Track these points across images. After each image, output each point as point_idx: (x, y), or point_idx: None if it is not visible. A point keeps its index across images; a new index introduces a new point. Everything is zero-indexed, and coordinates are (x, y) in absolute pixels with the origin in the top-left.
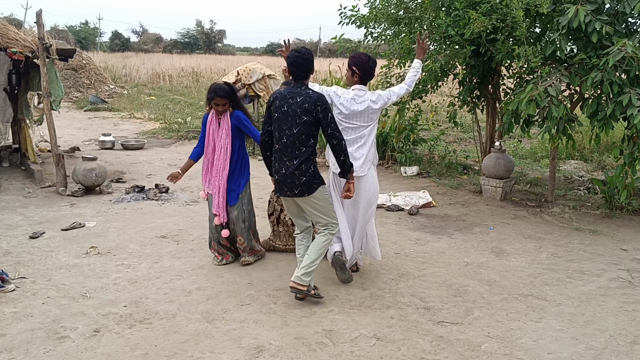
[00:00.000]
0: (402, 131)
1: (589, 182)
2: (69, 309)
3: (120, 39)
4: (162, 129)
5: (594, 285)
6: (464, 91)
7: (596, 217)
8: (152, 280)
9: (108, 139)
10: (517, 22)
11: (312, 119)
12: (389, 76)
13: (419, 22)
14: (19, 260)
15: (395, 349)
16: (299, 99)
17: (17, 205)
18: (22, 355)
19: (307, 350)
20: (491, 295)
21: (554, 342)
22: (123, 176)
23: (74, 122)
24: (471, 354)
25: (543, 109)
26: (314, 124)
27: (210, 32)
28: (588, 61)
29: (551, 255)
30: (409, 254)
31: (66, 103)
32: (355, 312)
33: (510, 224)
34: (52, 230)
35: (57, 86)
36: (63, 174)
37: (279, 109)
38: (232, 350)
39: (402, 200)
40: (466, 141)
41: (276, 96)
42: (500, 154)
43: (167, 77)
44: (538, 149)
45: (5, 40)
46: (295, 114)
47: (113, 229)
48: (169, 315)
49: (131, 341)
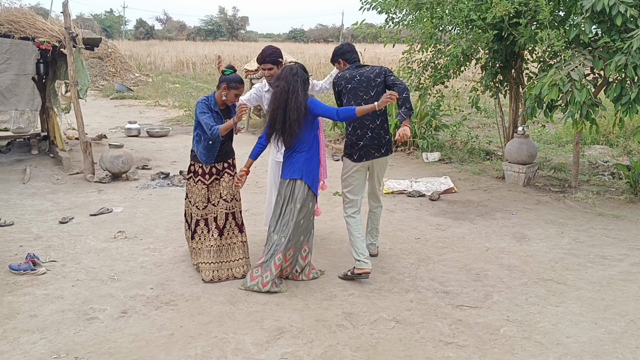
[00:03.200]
0: (424, 117)
1: (613, 167)
2: (97, 291)
3: (144, 27)
4: (187, 116)
5: (615, 270)
6: (486, 76)
7: (620, 202)
8: (178, 263)
9: (134, 126)
10: (540, 5)
11: (383, 81)
12: (410, 61)
13: (440, 6)
14: (49, 244)
15: (414, 332)
16: (367, 69)
17: (47, 192)
18: (53, 335)
19: (327, 332)
20: (511, 280)
21: (573, 326)
22: (148, 163)
23: (100, 110)
24: (490, 337)
25: (566, 93)
26: (384, 85)
27: (233, 19)
28: (612, 45)
29: (573, 240)
30: (430, 239)
31: (92, 91)
32: (375, 296)
33: (532, 210)
34: (80, 215)
35: (84, 75)
36: (90, 161)
37: (351, 80)
38: (254, 331)
39: (423, 186)
40: (489, 126)
41: (340, 76)
42: (523, 139)
43: (191, 65)
44: (563, 134)
45: (33, 30)
46: (369, 79)
47: (139, 214)
48: (194, 298)
49: (157, 322)
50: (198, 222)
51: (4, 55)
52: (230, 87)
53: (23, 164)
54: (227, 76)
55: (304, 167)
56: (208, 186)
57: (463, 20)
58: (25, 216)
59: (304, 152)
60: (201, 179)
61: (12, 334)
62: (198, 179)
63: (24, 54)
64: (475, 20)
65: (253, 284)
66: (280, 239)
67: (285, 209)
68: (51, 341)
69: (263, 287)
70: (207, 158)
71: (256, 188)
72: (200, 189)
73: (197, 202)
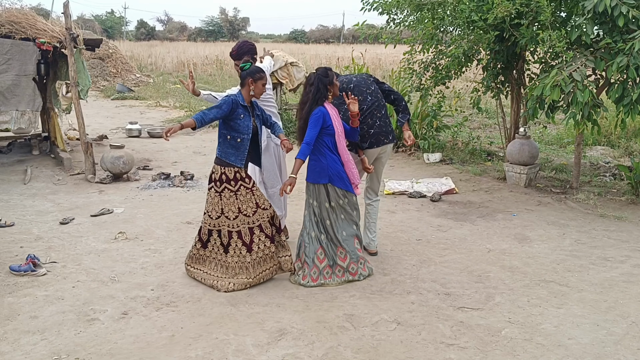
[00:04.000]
0: (425, 117)
1: (615, 168)
2: (98, 292)
3: (145, 27)
4: (187, 117)
5: (617, 272)
6: (487, 77)
7: (621, 203)
8: (178, 264)
9: (135, 127)
10: (541, 6)
11: (374, 81)
12: (411, 62)
13: (442, 7)
14: (49, 245)
15: (415, 334)
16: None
17: (48, 192)
18: (54, 336)
19: (329, 333)
20: (513, 282)
21: (575, 327)
22: (149, 164)
23: (101, 110)
24: (491, 339)
25: (568, 94)
26: (376, 85)
27: (234, 20)
28: (614, 45)
29: (574, 241)
30: (431, 240)
31: (93, 92)
32: (376, 297)
33: (534, 211)
34: (81, 216)
35: (85, 75)
36: (91, 161)
37: (351, 81)
38: (255, 332)
39: (424, 187)
40: (490, 127)
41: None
42: (524, 140)
43: (192, 65)
44: (564, 135)
45: (34, 30)
46: (364, 79)
47: (140, 215)
48: (195, 299)
49: (158, 323)
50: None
51: (5, 55)
52: (255, 79)
53: (24, 165)
54: (248, 71)
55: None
56: (236, 193)
57: (464, 21)
58: (26, 217)
59: (322, 155)
60: (227, 186)
61: (12, 335)
62: (223, 187)
63: (24, 55)
64: (476, 21)
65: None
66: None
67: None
68: (52, 342)
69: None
70: (237, 157)
71: None
72: (229, 197)
73: (226, 212)
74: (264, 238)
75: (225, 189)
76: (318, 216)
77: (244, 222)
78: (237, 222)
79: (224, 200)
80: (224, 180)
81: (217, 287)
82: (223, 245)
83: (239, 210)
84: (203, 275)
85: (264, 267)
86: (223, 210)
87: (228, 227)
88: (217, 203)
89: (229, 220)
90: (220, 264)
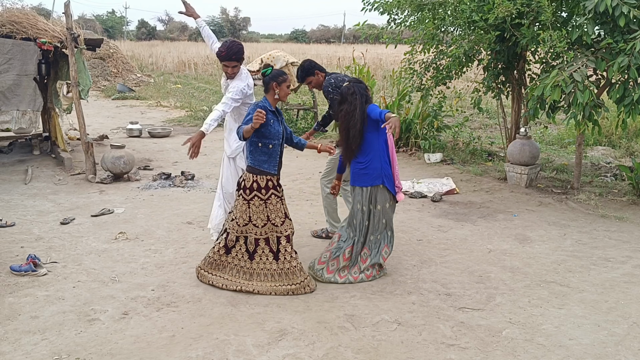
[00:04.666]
0: (425, 118)
1: (616, 169)
2: (98, 292)
3: (146, 27)
4: (188, 117)
5: (618, 272)
6: (488, 77)
7: (622, 203)
8: (179, 265)
9: (135, 127)
10: (542, 6)
11: None
12: (412, 62)
13: (442, 7)
14: (50, 245)
15: (416, 334)
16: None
17: (48, 192)
18: (54, 336)
19: (329, 334)
20: (513, 282)
21: (576, 328)
22: (150, 164)
23: (102, 110)
24: (492, 339)
25: (568, 94)
26: None
27: (235, 20)
28: (615, 46)
29: (575, 242)
30: (432, 240)
31: (94, 92)
32: (376, 298)
33: (534, 211)
34: (82, 216)
35: (85, 75)
36: (92, 161)
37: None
38: (255, 333)
39: (425, 187)
40: (491, 127)
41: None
42: (525, 141)
43: (193, 65)
44: (565, 135)
45: (35, 30)
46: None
47: (141, 215)
48: (195, 299)
49: (159, 323)
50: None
51: (6, 55)
52: (279, 82)
53: (25, 165)
54: (271, 75)
55: (382, 173)
56: (266, 202)
57: (465, 21)
58: (26, 217)
59: (375, 160)
60: (257, 194)
61: (13, 335)
62: (253, 195)
63: (25, 55)
64: (477, 21)
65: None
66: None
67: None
68: (52, 342)
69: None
70: (270, 164)
71: None
72: (258, 205)
73: (254, 219)
74: (290, 249)
75: (255, 197)
76: (361, 221)
77: (272, 231)
78: (265, 230)
79: (252, 208)
80: (254, 188)
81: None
82: (249, 252)
83: (267, 219)
84: (223, 281)
85: (292, 280)
86: (251, 218)
87: (255, 235)
88: (245, 211)
89: (256, 228)
90: (243, 271)
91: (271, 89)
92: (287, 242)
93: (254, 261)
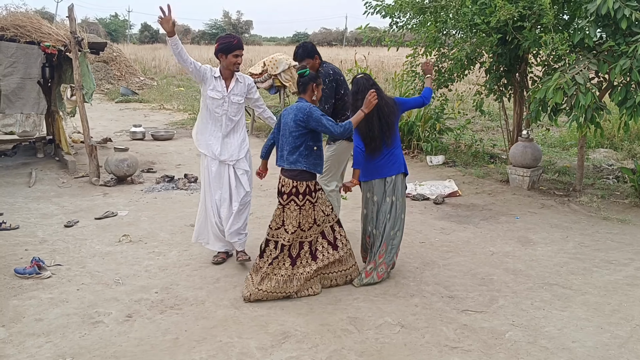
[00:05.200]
0: (427, 120)
1: (618, 171)
2: (102, 295)
3: (149, 30)
4: (191, 120)
5: (621, 275)
6: (490, 79)
7: (625, 206)
8: (182, 267)
9: (139, 129)
10: (544, 9)
11: None
12: (414, 65)
13: (444, 10)
14: (54, 248)
15: (419, 337)
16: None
17: (52, 195)
18: (58, 339)
19: (332, 336)
20: (516, 284)
21: (579, 330)
22: (153, 166)
23: (105, 113)
24: (495, 342)
25: (570, 97)
26: None
27: (237, 23)
28: (617, 48)
29: (578, 244)
30: (434, 243)
31: (98, 95)
32: (379, 300)
33: (537, 213)
34: (85, 219)
35: (89, 79)
36: (96, 164)
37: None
38: (259, 335)
39: (427, 189)
40: (493, 130)
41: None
42: (527, 143)
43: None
44: (567, 138)
45: (39, 34)
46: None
47: (144, 218)
48: (199, 302)
49: (162, 326)
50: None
51: (10, 59)
52: (318, 84)
53: (29, 168)
54: (309, 76)
55: (403, 161)
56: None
57: (467, 24)
58: (30, 220)
59: (399, 147)
60: (308, 198)
61: (17, 338)
62: (306, 200)
63: (29, 58)
64: (479, 24)
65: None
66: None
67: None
68: (57, 345)
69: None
70: (321, 166)
71: (260, 191)
72: (308, 209)
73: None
74: (344, 233)
75: (307, 201)
76: (384, 214)
77: (325, 222)
78: (319, 228)
79: (302, 213)
80: (292, 193)
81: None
82: (291, 257)
83: (314, 221)
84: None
85: (347, 265)
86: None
87: (309, 237)
88: (296, 217)
89: (317, 227)
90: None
91: (309, 90)
92: (340, 227)
93: (318, 259)
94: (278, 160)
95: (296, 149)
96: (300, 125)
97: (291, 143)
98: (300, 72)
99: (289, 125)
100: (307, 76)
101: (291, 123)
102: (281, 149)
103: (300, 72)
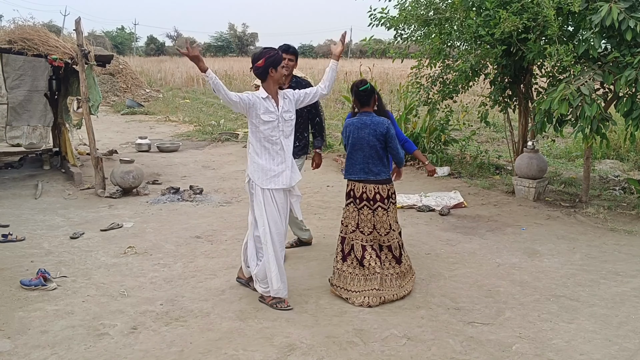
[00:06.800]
0: (433, 131)
1: (624, 182)
2: (107, 306)
3: (155, 43)
4: (196, 132)
5: (629, 287)
6: (495, 91)
7: (632, 217)
8: (187, 279)
9: (144, 141)
10: (548, 21)
11: None
12: (419, 76)
13: (449, 22)
14: (60, 259)
15: (425, 349)
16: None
17: (58, 207)
18: (64, 351)
19: (338, 349)
20: (523, 296)
21: (586, 343)
22: (159, 178)
23: (111, 125)
24: (502, 354)
25: (576, 108)
26: None
27: (243, 35)
28: (622, 59)
29: (585, 256)
30: (440, 254)
31: (104, 107)
32: (385, 312)
33: (543, 225)
34: (91, 230)
35: (95, 91)
36: (102, 176)
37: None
38: (264, 348)
39: (433, 200)
40: (498, 141)
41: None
42: (533, 154)
43: (201, 81)
44: (573, 149)
45: (46, 47)
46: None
47: (149, 230)
48: (204, 314)
49: (167, 338)
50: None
51: (18, 71)
52: (377, 95)
53: (35, 180)
54: (371, 89)
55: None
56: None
57: (471, 35)
58: (36, 231)
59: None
60: (391, 201)
61: (23, 350)
62: (363, 204)
63: (36, 71)
64: (483, 36)
65: None
66: None
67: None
68: (62, 357)
69: None
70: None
71: None
72: (382, 214)
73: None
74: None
75: (379, 207)
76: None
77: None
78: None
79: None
80: (364, 198)
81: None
82: (379, 258)
83: (389, 227)
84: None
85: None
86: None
87: (380, 241)
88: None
89: (363, 235)
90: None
91: (372, 102)
92: (403, 243)
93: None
94: (357, 173)
95: (379, 160)
96: (380, 139)
97: (374, 156)
98: (363, 87)
99: (367, 139)
100: (369, 89)
101: (370, 138)
102: (357, 162)
103: (364, 88)
